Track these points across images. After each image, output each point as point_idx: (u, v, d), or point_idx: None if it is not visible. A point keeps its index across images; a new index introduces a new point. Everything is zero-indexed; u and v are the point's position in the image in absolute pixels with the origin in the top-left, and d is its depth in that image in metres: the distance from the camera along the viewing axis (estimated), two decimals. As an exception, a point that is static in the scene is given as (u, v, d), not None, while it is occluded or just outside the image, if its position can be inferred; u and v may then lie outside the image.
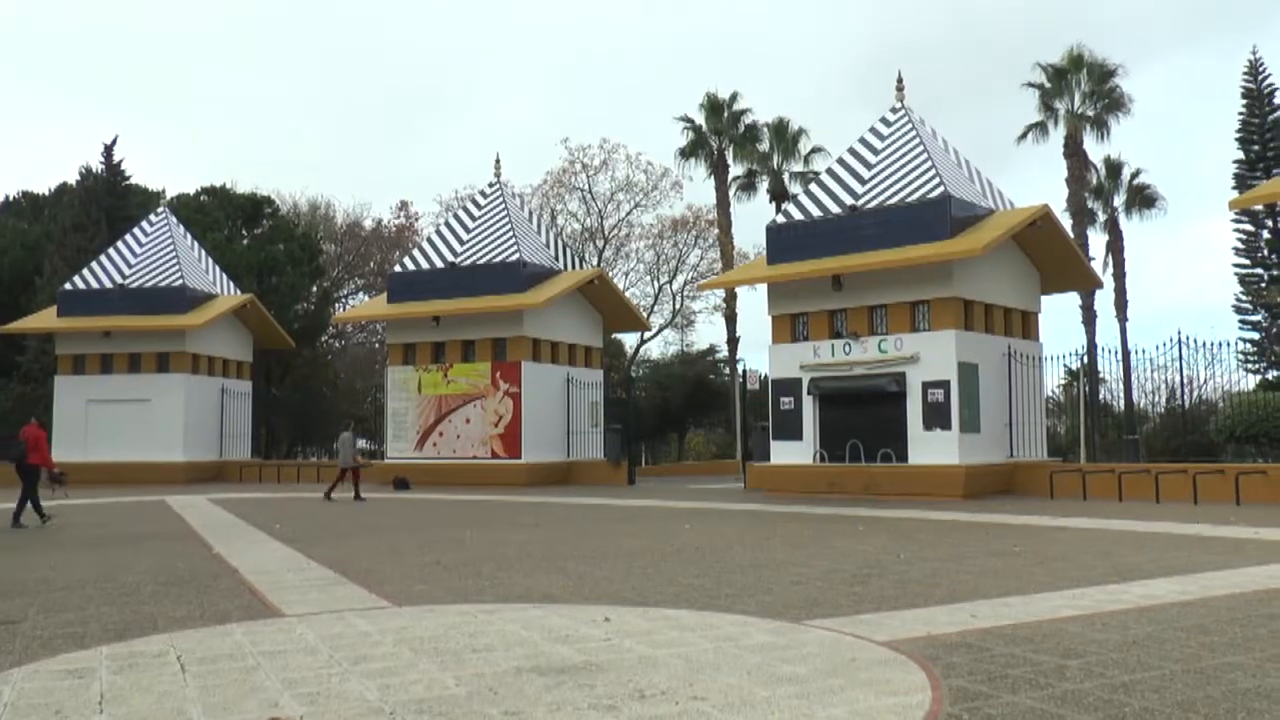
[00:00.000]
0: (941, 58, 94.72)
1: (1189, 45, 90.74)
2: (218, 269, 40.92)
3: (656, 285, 55.74)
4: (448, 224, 37.15)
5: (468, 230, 35.42)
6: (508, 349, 33.35)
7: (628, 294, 47.84)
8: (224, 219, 50.02)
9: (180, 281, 37.79)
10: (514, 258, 33.52)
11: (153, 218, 40.81)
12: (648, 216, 58.77)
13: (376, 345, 54.72)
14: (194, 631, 7.98)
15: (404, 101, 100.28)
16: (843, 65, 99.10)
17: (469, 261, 34.21)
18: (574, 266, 36.56)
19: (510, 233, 34.48)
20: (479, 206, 36.37)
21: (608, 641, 7.22)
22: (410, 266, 35.69)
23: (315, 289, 52.54)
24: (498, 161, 37.07)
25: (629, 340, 55.94)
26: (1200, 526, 16.29)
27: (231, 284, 40.63)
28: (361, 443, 49.99)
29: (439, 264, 34.76)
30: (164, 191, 50.25)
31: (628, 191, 54.22)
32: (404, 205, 60.67)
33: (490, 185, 37.06)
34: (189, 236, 41.25)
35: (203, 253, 41.11)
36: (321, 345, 54.54)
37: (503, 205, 35.74)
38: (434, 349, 34.53)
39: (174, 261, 38.43)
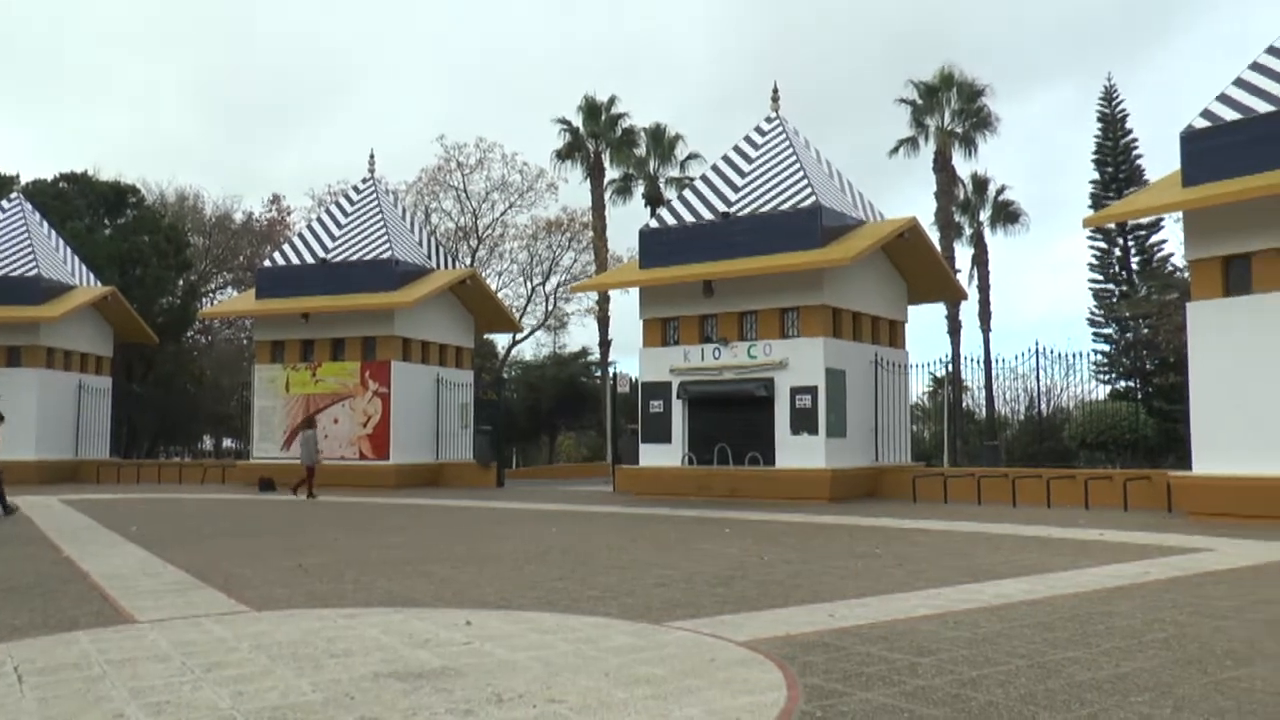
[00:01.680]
0: (822, 72, 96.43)
1: (1061, 72, 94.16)
2: (76, 259, 39.30)
3: (530, 286, 55.65)
4: (320, 219, 36.51)
5: (340, 226, 34.89)
6: (378, 348, 32.94)
7: (500, 295, 47.66)
8: (85, 208, 48.20)
9: (35, 271, 36.27)
10: (386, 255, 33.13)
11: (5, 204, 38.95)
12: (522, 217, 58.47)
13: (244, 342, 53.43)
14: (36, 640, 7.64)
15: (280, 94, 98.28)
16: (723, 75, 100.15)
17: (340, 258, 33.70)
18: (447, 265, 36.29)
19: (383, 230, 34.07)
20: (352, 202, 35.85)
21: (468, 645, 7.21)
22: (280, 262, 35.02)
23: (181, 283, 51.06)
24: (372, 157, 36.64)
25: (501, 341, 55.77)
26: (1052, 529, 16.92)
27: (91, 275, 39.14)
28: (228, 442, 48.85)
29: (310, 260, 34.17)
30: (18, 177, 48.19)
31: (503, 191, 54.01)
32: (276, 199, 59.40)
33: (364, 181, 36.56)
34: (45, 224, 39.57)
35: (60, 242, 39.46)
36: (187, 341, 53.04)
37: (376, 202, 35.29)
38: (303, 347, 33.92)
39: (28, 250, 36.85)
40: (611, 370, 39.68)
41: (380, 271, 33.02)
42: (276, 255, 36.05)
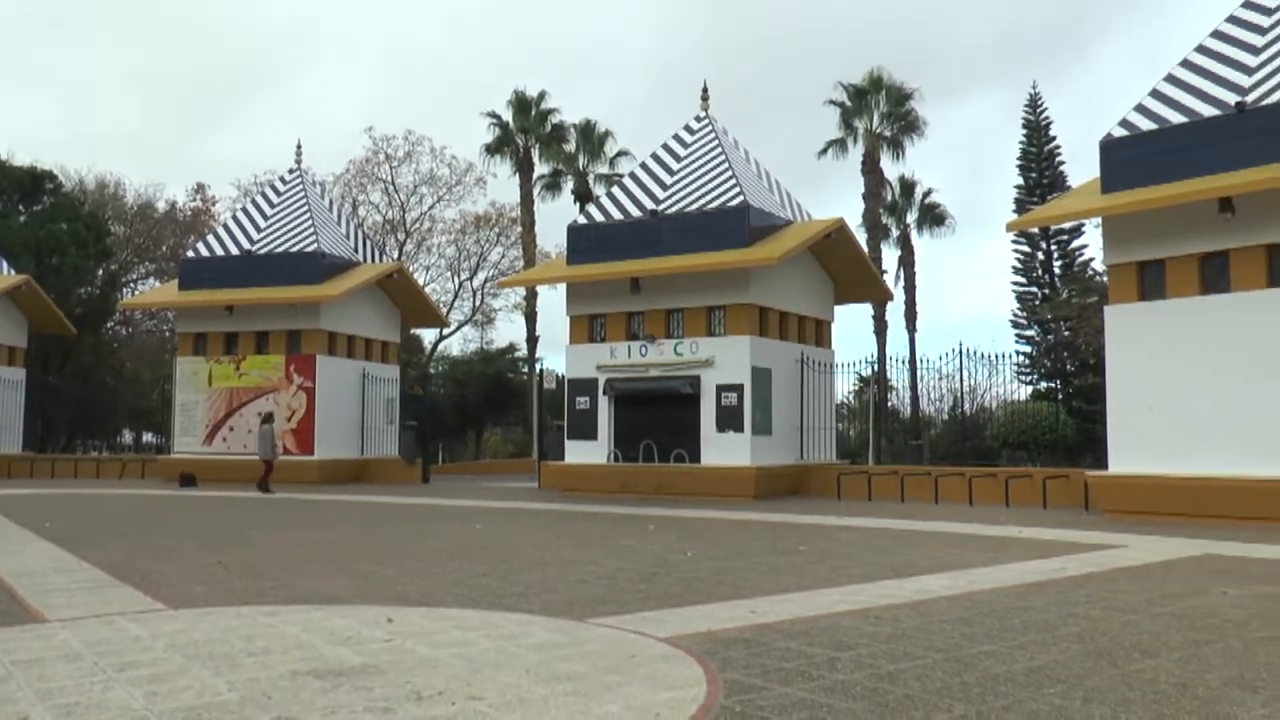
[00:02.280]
0: (755, 72, 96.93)
1: (992, 81, 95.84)
2: (-11, 247, 38.46)
3: (457, 281, 55.41)
4: (245, 210, 36.01)
5: (266, 217, 34.45)
6: (303, 341, 32.60)
7: (428, 289, 47.35)
8: (-2, 193, 47.09)
9: (-58, 259, 35.38)
10: (312, 248, 32.78)
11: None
12: (451, 211, 58.22)
13: (166, 334, 52.52)
14: (-63, 641, 7.37)
15: (207, 83, 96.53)
16: (659, 73, 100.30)
17: (266, 250, 33.27)
18: (374, 259, 35.97)
19: (309, 222, 33.69)
20: (278, 193, 35.41)
21: (389, 643, 7.17)
22: (204, 253, 34.50)
23: (101, 272, 50.00)
24: (299, 148, 36.22)
25: (428, 336, 55.41)
26: (973, 526, 17.21)
27: (5, 263, 38.21)
28: (148, 437, 47.86)
29: (234, 251, 33.70)
30: (-74, 160, 46.97)
31: (431, 185, 53.71)
32: (201, 188, 58.40)
33: (291, 172, 36.13)
34: (-45, 211, 38.64)
35: (-30, 229, 38.56)
36: (107, 332, 51.95)
37: (303, 193, 34.89)
38: (226, 340, 33.45)
39: (-67, 237, 35.93)
40: (538, 367, 39.55)
41: (306, 264, 32.65)
42: (200, 246, 35.53)
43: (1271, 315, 18.16)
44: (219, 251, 34.05)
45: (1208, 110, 19.28)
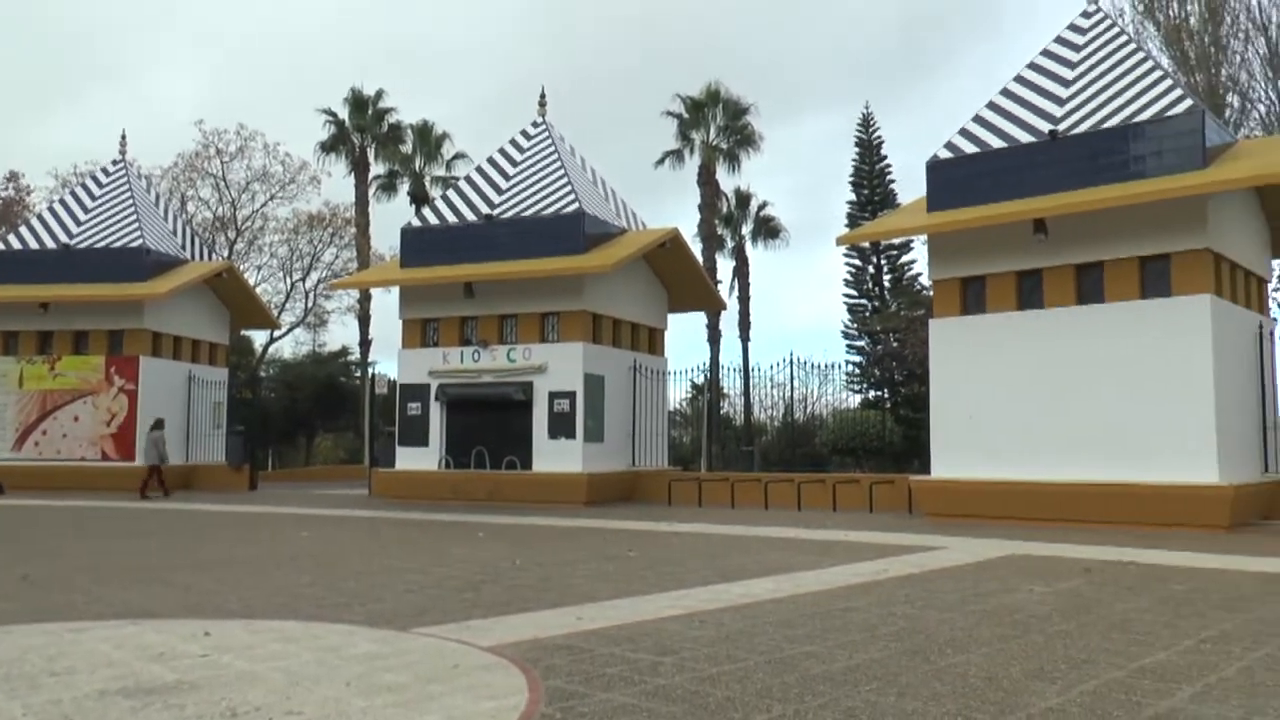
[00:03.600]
0: (597, 79, 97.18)
1: (834, 99, 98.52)
2: None
3: (289, 282, 54.08)
4: (63, 201, 34.45)
5: (86, 210, 33.02)
6: (125, 342, 31.36)
7: (259, 290, 46.09)
8: None
9: None
10: (136, 243, 31.59)
11: None
12: (283, 210, 56.67)
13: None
14: None
15: (29, 70, 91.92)
16: (503, 80, 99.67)
17: (86, 244, 31.90)
18: (203, 257, 34.85)
19: (134, 216, 32.47)
20: (100, 185, 33.99)
21: (206, 658, 6.93)
22: (16, 245, 32.83)
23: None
24: (123, 138, 34.87)
25: (259, 338, 53.89)
26: (801, 530, 17.57)
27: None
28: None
29: (51, 244, 32.21)
30: None
31: (264, 182, 52.30)
32: (14, 176, 55.53)
33: (114, 163, 34.71)
34: None
35: None
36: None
37: (127, 186, 33.60)
38: (40, 338, 31.91)
39: None
40: (371, 371, 38.90)
41: (129, 260, 31.42)
42: (12, 238, 33.76)
43: (1078, 330, 19.17)
44: (33, 244, 32.49)
45: (1024, 137, 20.25)
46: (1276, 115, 28.56)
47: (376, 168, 49.19)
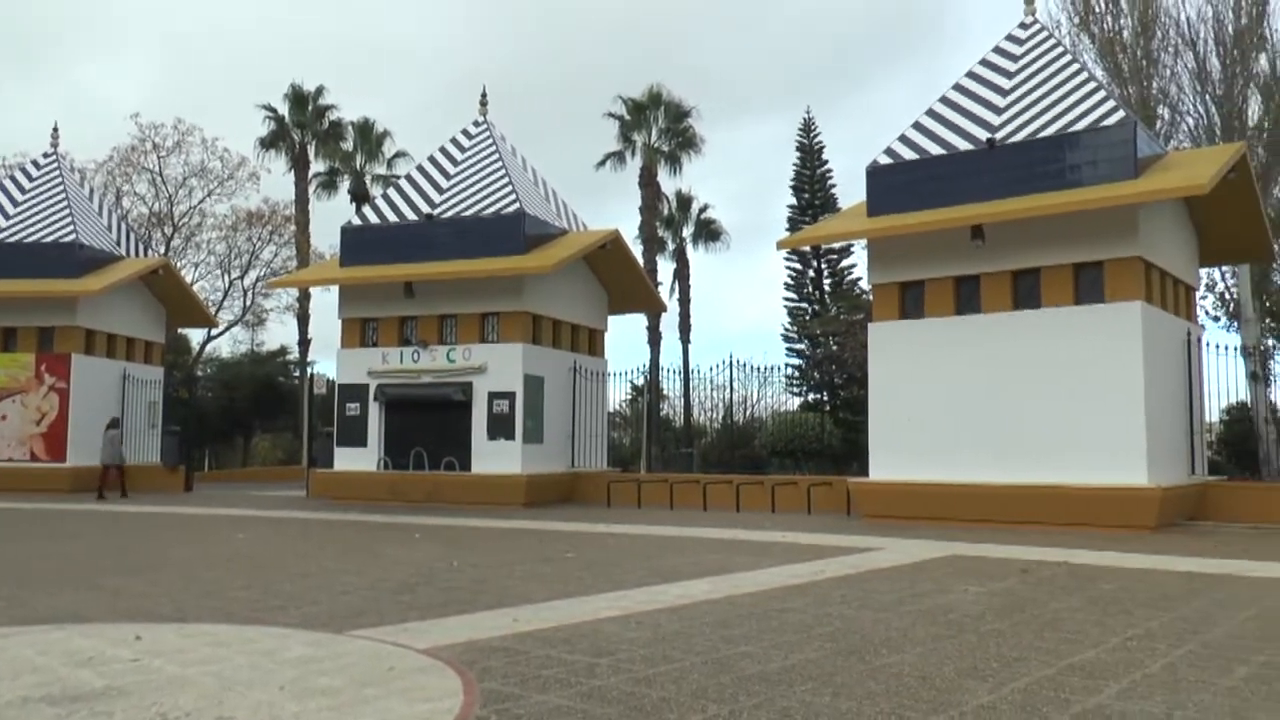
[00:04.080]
0: (541, 80, 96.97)
1: (778, 104, 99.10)
2: None
3: (227, 280, 53.27)
4: (-11, 195, 33.73)
5: (15, 204, 32.32)
6: (56, 339, 30.76)
7: (196, 287, 45.47)
8: None
9: None
10: (69, 238, 31.01)
11: None
12: (222, 206, 55.86)
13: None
14: None
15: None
16: (450, 79, 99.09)
17: (15, 238, 31.22)
18: (138, 253, 34.27)
19: (66, 210, 31.85)
20: (30, 178, 33.27)
21: (136, 662, 6.83)
22: (-59, 241, 32.10)
23: None
24: (55, 130, 34.17)
25: (196, 337, 53.11)
26: (739, 531, 17.65)
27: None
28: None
29: (-24, 240, 31.51)
30: None
31: (201, 178, 51.45)
32: (-63, 169, 54.37)
33: (45, 156, 34.04)
34: None
35: None
36: None
37: (59, 179, 32.94)
38: (-35, 337, 31.25)
39: None
40: (310, 371, 38.52)
41: (61, 255, 30.81)
42: (-65, 232, 33.04)
43: (1015, 335, 19.46)
44: (-42, 239, 31.81)
45: (963, 144, 20.52)
46: (1204, 128, 29.15)
47: (317, 165, 48.71)
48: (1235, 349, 22.96)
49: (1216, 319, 33.61)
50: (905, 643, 7.66)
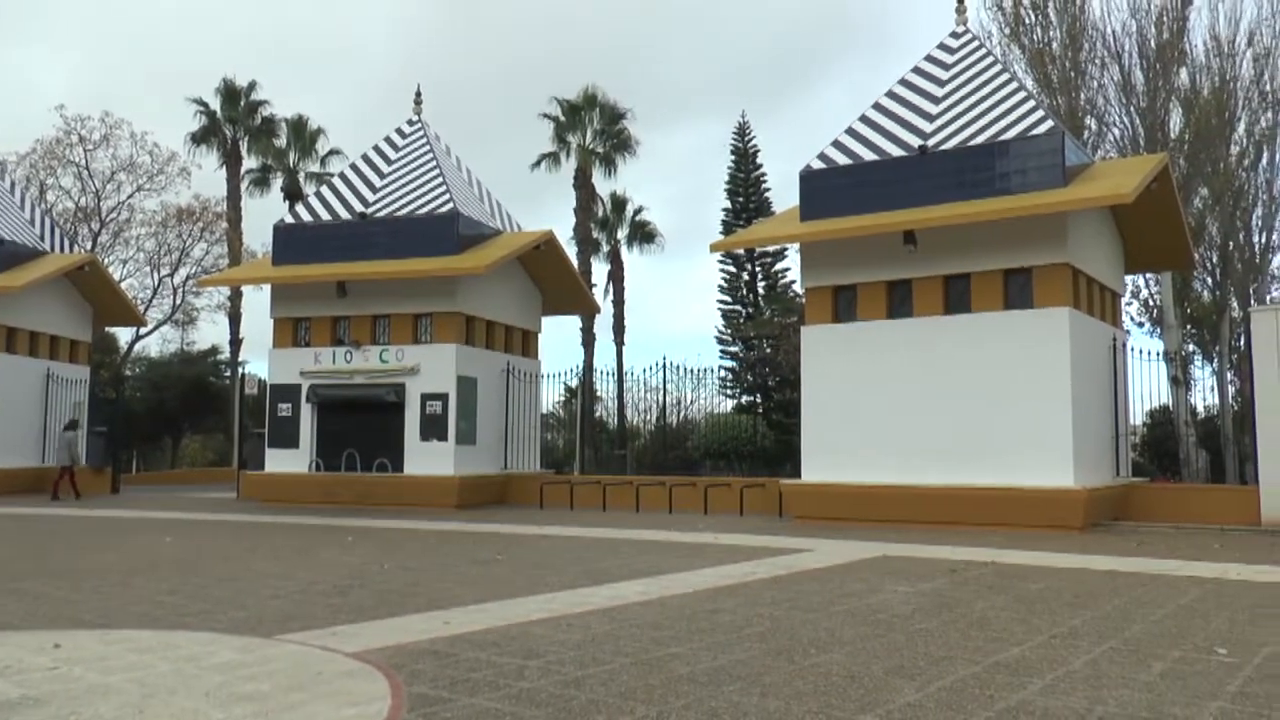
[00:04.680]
0: (478, 80, 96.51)
1: (719, 108, 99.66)
2: None
3: (157, 278, 52.45)
4: (-97, 188, 32.92)
5: (-69, 197, 31.61)
6: (-25, 337, 30.09)
7: (124, 285, 44.75)
8: None
9: None
10: (-12, 234, 30.34)
11: None
12: (151, 202, 55.09)
13: None
14: None
15: None
16: (379, 80, 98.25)
17: (-69, 234, 30.51)
18: (63, 249, 33.60)
19: (-15, 204, 31.17)
20: (-51, 173, 32.55)
21: (55, 671, 6.67)
22: None
23: None
24: (-27, 125, 33.43)
25: (124, 335, 52.21)
26: (671, 533, 17.67)
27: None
28: None
29: (-110, 235, 30.72)
30: None
31: (130, 173, 50.62)
32: None
33: (-39, 149, 33.29)
34: None
35: None
36: None
37: (-24, 172, 32.21)
38: (-119, 333, 30.44)
39: None
40: (241, 371, 38.02)
41: (-20, 252, 30.15)
42: None
43: (946, 339, 19.72)
44: (-126, 234, 31.01)
45: (895, 150, 20.74)
46: (1129, 139, 29.73)
47: (249, 161, 48.20)
48: (1158, 354, 23.44)
49: (1141, 325, 34.44)
50: (834, 643, 7.73)
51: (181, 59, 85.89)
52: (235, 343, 47.13)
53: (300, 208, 28.22)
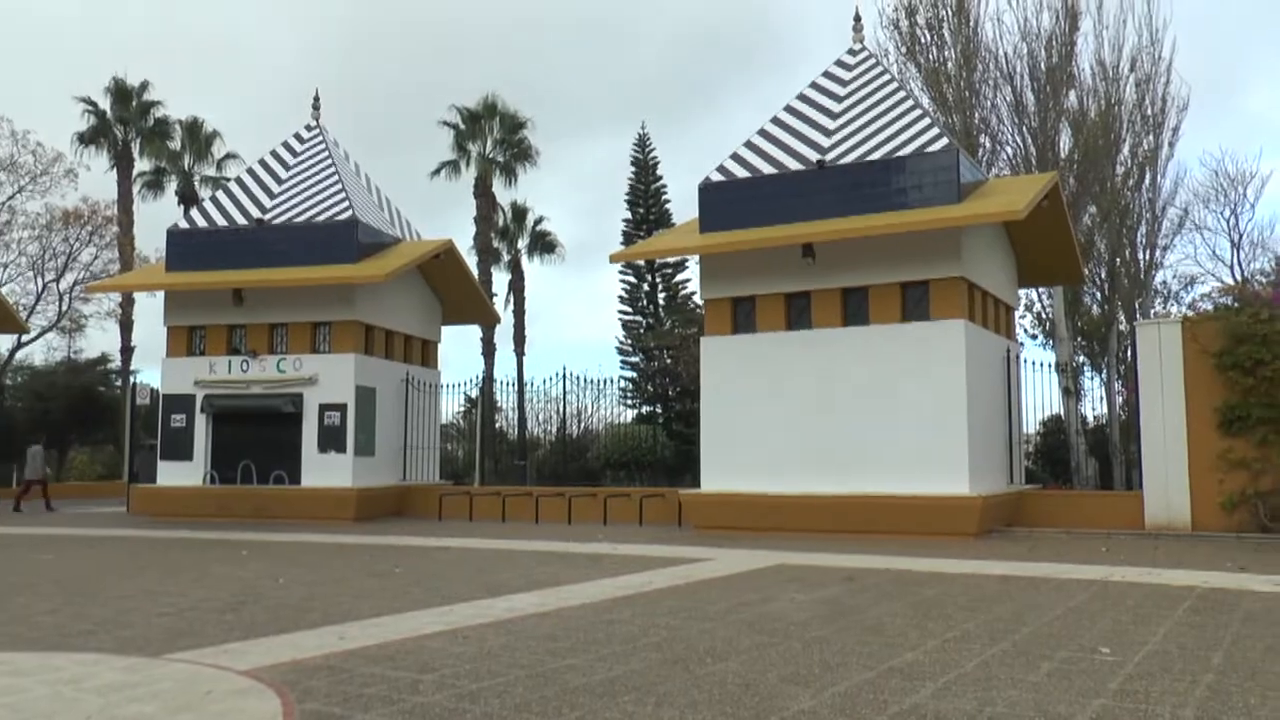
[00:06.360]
0: (380, 86, 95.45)
1: (625, 122, 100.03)
2: None
3: (41, 283, 50.72)
4: None
5: None
6: None
7: (4, 290, 43.28)
8: None
9: None
10: None
11: None
12: (35, 204, 53.27)
13: None
14: None
15: None
16: (276, 83, 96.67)
17: None
18: (-62, 257, 32.45)
19: None
20: None
21: (-79, 694, 6.44)
22: None
23: None
24: None
25: (4, 343, 50.45)
26: (570, 544, 17.66)
27: None
28: None
29: None
30: None
31: (11, 172, 48.79)
32: None
33: None
34: None
35: None
36: None
37: None
38: None
39: None
40: (133, 380, 37.02)
41: None
42: None
43: (844, 350, 19.99)
44: None
45: (793, 164, 20.99)
46: (1022, 158, 30.43)
47: (142, 164, 46.94)
48: (1050, 365, 24.04)
49: (1034, 337, 35.25)
50: (730, 651, 7.78)
51: (68, 57, 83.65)
52: (126, 351, 45.85)
53: (195, 213, 27.60)
